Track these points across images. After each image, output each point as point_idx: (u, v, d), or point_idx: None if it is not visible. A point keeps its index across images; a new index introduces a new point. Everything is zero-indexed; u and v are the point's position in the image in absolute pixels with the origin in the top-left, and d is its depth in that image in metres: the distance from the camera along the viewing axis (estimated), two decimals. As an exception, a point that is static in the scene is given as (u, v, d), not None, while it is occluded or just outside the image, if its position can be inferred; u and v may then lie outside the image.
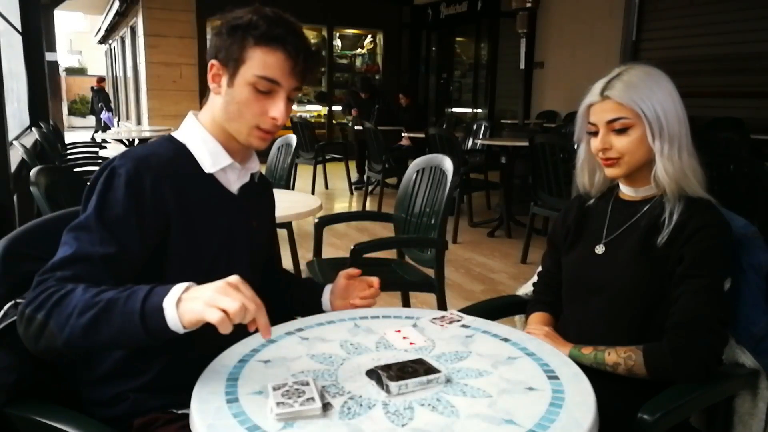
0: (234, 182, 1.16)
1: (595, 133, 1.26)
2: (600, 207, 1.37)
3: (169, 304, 0.86)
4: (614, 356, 1.19)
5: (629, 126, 1.22)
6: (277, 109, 1.07)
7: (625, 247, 1.27)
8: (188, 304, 0.86)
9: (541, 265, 1.52)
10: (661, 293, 1.22)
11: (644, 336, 1.22)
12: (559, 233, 1.44)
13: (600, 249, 1.32)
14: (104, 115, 13.27)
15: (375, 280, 1.29)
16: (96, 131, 10.87)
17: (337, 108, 11.01)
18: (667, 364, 1.14)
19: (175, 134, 1.15)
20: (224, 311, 0.83)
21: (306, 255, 3.07)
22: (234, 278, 0.88)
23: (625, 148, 1.23)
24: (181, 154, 1.11)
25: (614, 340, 1.22)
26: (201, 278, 1.11)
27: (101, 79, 15.23)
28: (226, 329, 0.84)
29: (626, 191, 1.33)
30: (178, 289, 0.88)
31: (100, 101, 14.34)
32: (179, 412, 1.08)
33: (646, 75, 1.23)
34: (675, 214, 1.21)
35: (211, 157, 1.11)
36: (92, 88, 15.09)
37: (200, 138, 1.12)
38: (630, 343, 1.20)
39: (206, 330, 1.13)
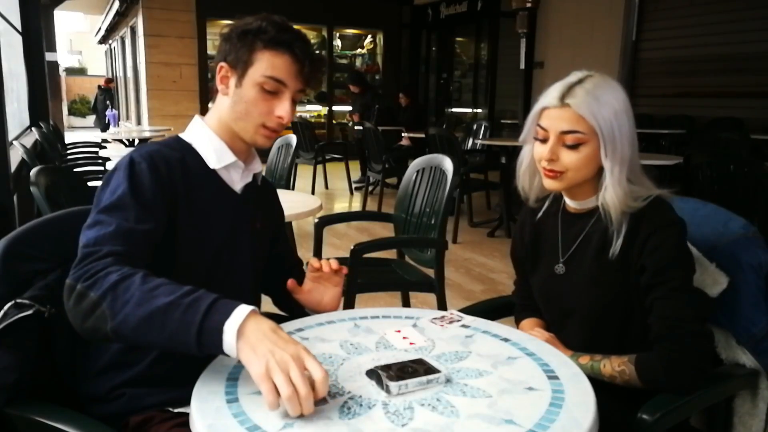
0: (237, 181, 1.20)
1: (544, 140, 1.19)
2: (550, 222, 1.33)
3: (230, 329, 0.84)
4: (609, 368, 1.16)
5: (582, 142, 1.15)
6: (282, 108, 1.13)
7: (583, 266, 1.24)
8: (248, 349, 0.83)
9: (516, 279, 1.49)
10: (632, 305, 1.19)
11: (627, 346, 1.19)
12: (519, 252, 1.41)
13: (560, 269, 1.28)
14: (110, 112, 13.27)
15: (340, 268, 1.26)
16: (104, 131, 10.85)
17: (337, 108, 11.00)
18: (661, 379, 1.11)
19: (182, 135, 1.19)
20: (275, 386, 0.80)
21: (306, 255, 3.04)
22: (302, 353, 0.83)
23: (572, 164, 1.16)
24: (188, 152, 1.15)
25: (599, 353, 1.20)
26: (204, 272, 1.12)
27: (109, 80, 15.35)
28: (271, 406, 0.80)
29: (570, 204, 1.28)
30: (241, 313, 0.85)
31: (107, 100, 14.38)
32: (175, 410, 1.08)
33: (608, 88, 1.16)
34: (624, 222, 1.17)
35: (215, 154, 1.16)
36: (99, 86, 15.13)
37: (206, 137, 1.17)
38: (614, 353, 1.18)
39: None
